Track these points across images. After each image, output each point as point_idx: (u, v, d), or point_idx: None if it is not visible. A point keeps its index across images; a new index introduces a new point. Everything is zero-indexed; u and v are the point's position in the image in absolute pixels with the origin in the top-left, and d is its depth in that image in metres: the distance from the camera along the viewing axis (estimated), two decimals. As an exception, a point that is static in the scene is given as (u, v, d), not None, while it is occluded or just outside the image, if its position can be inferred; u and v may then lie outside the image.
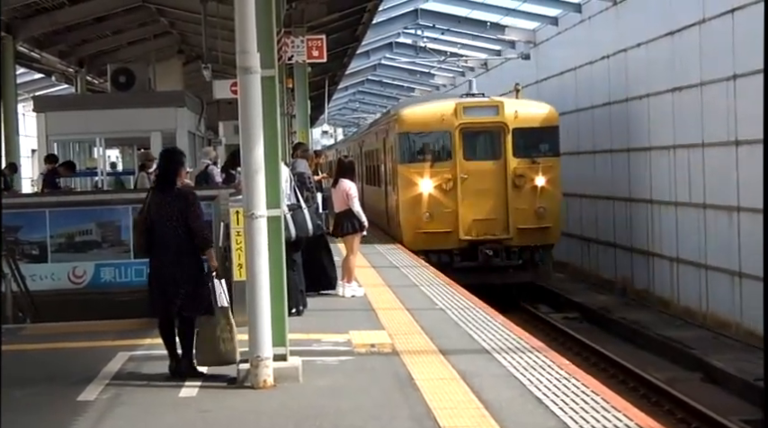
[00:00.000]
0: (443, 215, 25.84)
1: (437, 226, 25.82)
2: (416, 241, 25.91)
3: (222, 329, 10.67)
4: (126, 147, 37.01)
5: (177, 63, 33.50)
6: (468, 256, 25.73)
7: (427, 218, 25.87)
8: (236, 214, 13.16)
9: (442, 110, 26.65)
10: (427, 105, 28.28)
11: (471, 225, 25.87)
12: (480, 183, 26.02)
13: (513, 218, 25.92)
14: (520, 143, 26.19)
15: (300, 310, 14.81)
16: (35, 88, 41.44)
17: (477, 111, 26.53)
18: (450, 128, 26.17)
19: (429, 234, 25.80)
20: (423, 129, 26.54)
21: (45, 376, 11.19)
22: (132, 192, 20.02)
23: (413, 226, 26.19)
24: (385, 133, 30.22)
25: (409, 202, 26.26)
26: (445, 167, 26.07)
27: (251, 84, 10.20)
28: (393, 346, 12.23)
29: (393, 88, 63.77)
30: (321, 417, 9.01)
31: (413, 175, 26.22)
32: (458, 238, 25.78)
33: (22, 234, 15.46)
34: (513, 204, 25.97)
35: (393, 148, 27.78)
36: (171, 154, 11.33)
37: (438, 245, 25.71)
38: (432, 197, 26.01)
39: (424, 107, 27.88)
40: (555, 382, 10.10)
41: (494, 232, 25.90)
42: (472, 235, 25.86)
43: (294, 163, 17.17)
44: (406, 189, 26.41)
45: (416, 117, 26.99)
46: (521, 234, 26.00)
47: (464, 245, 25.81)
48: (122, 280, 15.38)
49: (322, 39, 27.00)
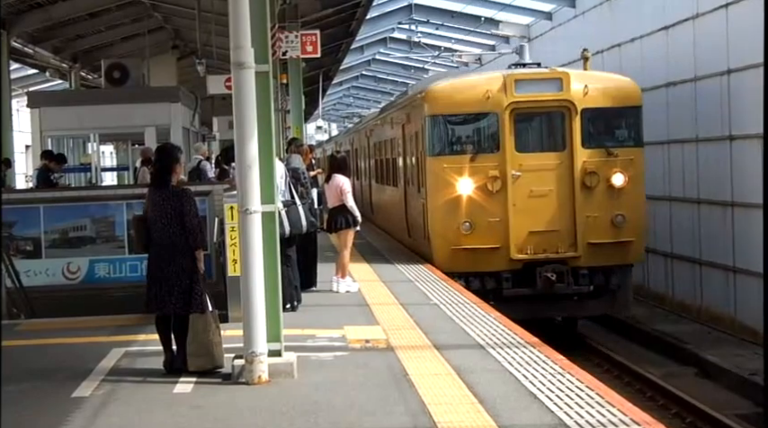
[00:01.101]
0: (489, 226, 19.80)
1: (480, 240, 19.79)
2: (452, 260, 19.96)
3: (214, 333, 10.68)
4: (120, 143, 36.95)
5: (171, 58, 33.46)
6: (523, 281, 19.78)
7: (467, 230, 19.81)
8: (230, 209, 13.16)
9: (487, 84, 20.21)
10: (466, 79, 22.13)
11: (526, 239, 19.84)
12: (538, 183, 19.98)
13: (583, 229, 19.88)
14: (591, 128, 20.26)
15: (295, 306, 14.81)
16: (29, 84, 41.40)
17: (533, 86, 20.21)
18: (498, 108, 19.94)
19: (469, 251, 19.77)
20: (461, 109, 20.33)
21: (39, 372, 11.18)
22: (127, 188, 20.00)
23: (447, 240, 20.04)
24: (405, 118, 24.02)
25: (443, 208, 20.08)
26: (491, 161, 19.93)
27: (245, 80, 10.20)
28: (388, 341, 12.23)
29: (387, 83, 63.75)
30: (316, 413, 9.01)
31: (447, 172, 20.00)
32: (508, 257, 19.78)
33: (16, 229, 15.43)
34: (583, 211, 19.88)
35: (419, 137, 21.61)
36: (167, 150, 11.32)
37: (481, 265, 19.79)
38: (473, 201, 19.86)
39: (463, 81, 21.48)
40: (549, 377, 10.10)
41: (556, 249, 19.87)
42: (527, 252, 19.81)
43: (288, 158, 17.16)
44: (438, 190, 20.21)
45: (452, 94, 20.64)
46: (592, 251, 19.97)
47: (517, 265, 19.80)
48: (117, 275, 15.36)
49: (316, 34, 26.95)
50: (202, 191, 14.31)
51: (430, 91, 21.08)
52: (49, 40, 30.36)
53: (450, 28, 44.18)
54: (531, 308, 19.43)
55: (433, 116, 20.50)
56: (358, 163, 38.00)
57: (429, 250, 20.80)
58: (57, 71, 34.54)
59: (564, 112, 20.11)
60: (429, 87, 21.40)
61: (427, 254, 21.01)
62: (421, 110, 21.20)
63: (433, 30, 44.73)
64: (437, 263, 20.15)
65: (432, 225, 20.48)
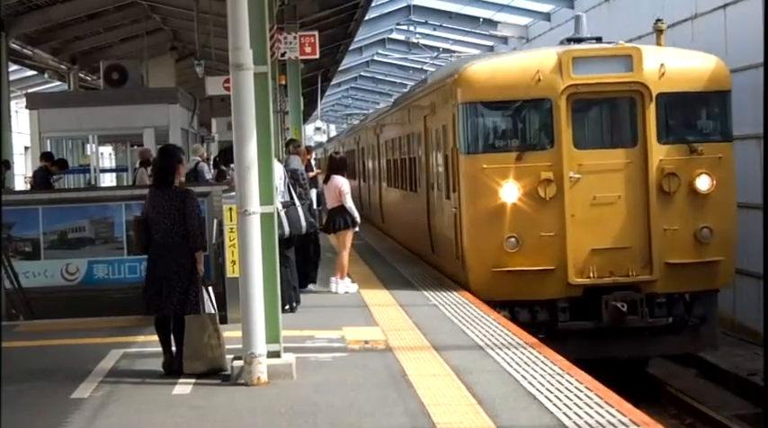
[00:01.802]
0: (540, 242, 15.85)
1: (529, 260, 15.84)
2: (493, 286, 15.96)
3: (210, 335, 10.68)
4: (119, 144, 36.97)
5: (170, 60, 33.47)
6: (584, 312, 15.85)
7: (512, 248, 15.83)
8: (229, 211, 13.16)
9: (538, 63, 16.20)
10: (511, 57, 18.49)
11: (588, 258, 15.88)
12: (603, 188, 16.04)
13: (660, 246, 15.90)
14: (670, 118, 16.32)
15: (294, 307, 14.82)
16: (28, 85, 41.41)
17: (596, 65, 16.23)
18: (552, 93, 16.01)
19: (515, 274, 15.81)
20: (504, 95, 16.30)
21: (38, 373, 11.18)
22: (126, 189, 20.01)
23: (487, 260, 16.01)
24: (428, 109, 20.09)
25: (481, 220, 16.15)
26: (543, 160, 15.99)
27: (244, 81, 10.20)
28: (387, 342, 12.24)
29: (386, 84, 63.80)
30: (315, 414, 9.01)
31: (487, 175, 16.07)
32: (565, 281, 15.80)
33: (15, 231, 15.43)
34: (660, 222, 15.91)
35: (448, 130, 17.73)
36: (169, 151, 11.32)
37: (531, 292, 15.84)
38: (520, 211, 15.90)
39: (506, 60, 17.66)
40: (549, 378, 10.10)
41: (626, 271, 15.90)
42: (590, 275, 15.87)
43: (287, 159, 17.17)
44: (475, 197, 16.30)
45: (493, 76, 16.53)
46: (671, 273, 15.97)
47: (576, 292, 15.86)
48: (115, 277, 15.35)
49: (315, 35, 26.96)
50: (201, 193, 14.30)
51: (465, 73, 16.75)
52: (47, 41, 30.36)
53: (448, 29, 44.22)
54: (593, 346, 15.72)
55: (469, 104, 16.49)
56: (365, 163, 34.99)
57: (462, 271, 16.77)
58: (55, 72, 34.55)
59: (635, 98, 16.19)
60: (463, 68, 16.95)
61: (459, 277, 17.08)
62: (452, 97, 17.21)
63: (432, 31, 44.77)
64: (473, 287, 16.23)
65: (467, 240, 16.41)
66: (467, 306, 15.07)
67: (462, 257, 16.73)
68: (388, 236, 27.81)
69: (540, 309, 15.95)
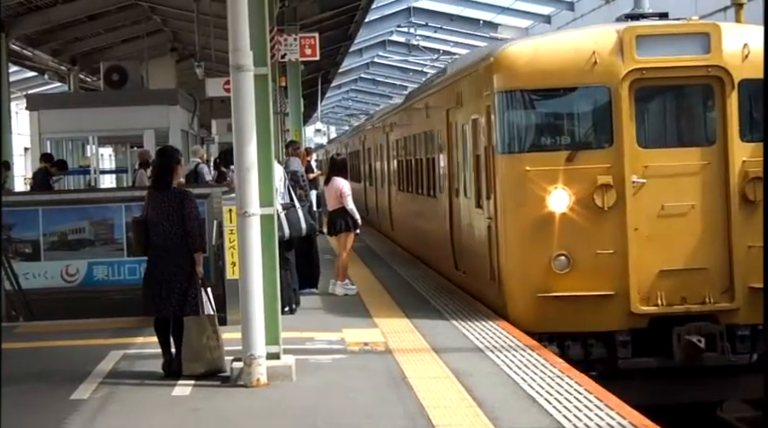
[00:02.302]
0: (597, 261, 13.27)
1: (584, 283, 13.26)
2: (538, 314, 13.39)
3: (209, 337, 10.67)
4: (119, 146, 36.99)
5: (170, 61, 33.48)
6: (650, 347, 13.17)
7: (563, 268, 13.29)
8: (228, 212, 13.16)
9: (593, 43, 13.59)
10: (559, 36, 15.12)
11: (656, 282, 13.21)
12: (674, 195, 13.33)
13: (743, 267, 13.21)
14: (755, 111, 13.51)
15: (293, 309, 14.82)
16: (28, 86, 41.44)
17: (665, 45, 13.48)
18: (612, 79, 13.39)
19: (566, 300, 13.25)
20: (552, 82, 13.67)
21: (38, 374, 11.18)
22: (126, 190, 20.02)
23: (531, 283, 13.44)
24: (453, 100, 17.23)
25: (524, 233, 13.60)
26: (600, 162, 13.38)
27: (244, 82, 10.21)
28: (386, 344, 12.23)
29: (386, 86, 63.87)
30: (314, 416, 9.01)
31: (531, 179, 13.49)
32: (627, 310, 13.16)
33: (14, 232, 15.42)
34: (743, 238, 13.20)
35: (480, 126, 15.08)
36: (167, 152, 11.33)
37: (585, 322, 13.23)
38: (572, 223, 13.34)
39: (554, 40, 14.58)
40: (548, 380, 10.11)
41: (702, 297, 13.20)
42: (658, 303, 13.18)
43: (287, 161, 17.18)
44: (516, 205, 13.72)
45: (538, 59, 13.85)
46: (756, 300, 13.12)
47: (640, 323, 13.19)
48: (115, 278, 15.35)
49: (315, 37, 26.98)
50: (201, 194, 14.31)
51: (503, 55, 14.13)
52: (47, 42, 30.37)
53: (448, 31, 44.30)
54: (662, 389, 13.13)
55: (509, 92, 13.83)
56: (372, 165, 32.74)
57: (499, 296, 14.19)
58: (55, 74, 34.56)
59: (713, 86, 13.50)
60: (501, 50, 14.35)
61: (494, 302, 14.49)
62: (486, 84, 14.55)
63: (432, 33, 44.86)
64: (513, 316, 13.66)
65: (506, 259, 13.85)
66: (467, 309, 15.04)
67: (499, 279, 14.03)
68: (399, 246, 25.49)
69: (596, 343, 13.24)
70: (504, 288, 13.94)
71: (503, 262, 13.94)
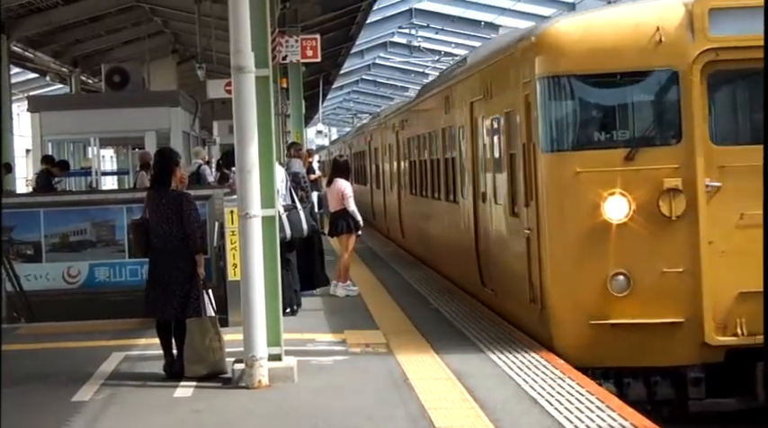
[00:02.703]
0: (663, 281, 11.20)
1: (647, 308, 11.20)
2: (591, 345, 11.30)
3: (211, 339, 10.68)
4: (120, 147, 37.02)
5: (171, 62, 33.52)
6: (728, 385, 11.12)
7: (621, 290, 11.20)
8: (230, 213, 13.17)
9: (657, 18, 11.39)
10: (615, 11, 12.27)
11: (735, 307, 11.06)
12: (755, 202, 10.34)
13: None
14: None
15: (295, 310, 14.83)
16: (29, 88, 41.45)
17: (745, 20, 11.07)
18: (681, 61, 11.27)
19: (625, 329, 11.18)
20: (608, 64, 11.48)
21: (39, 376, 11.18)
22: (127, 192, 20.01)
23: (582, 307, 11.36)
24: (480, 91, 15.05)
25: (573, 247, 11.52)
26: (666, 161, 11.27)
27: (245, 84, 10.21)
28: (388, 346, 12.23)
29: (387, 88, 63.89)
30: (316, 417, 9.01)
31: (583, 181, 11.41)
32: (700, 340, 11.08)
33: (16, 233, 15.42)
34: None
35: (516, 118, 12.92)
36: (165, 154, 11.35)
37: (649, 355, 11.19)
38: (633, 235, 11.25)
39: (609, 15, 12.08)
40: (550, 382, 10.10)
41: None
42: (737, 332, 11.06)
43: (289, 162, 17.18)
44: (563, 213, 11.66)
45: (590, 37, 11.63)
46: None
47: (716, 356, 11.09)
48: (117, 280, 15.35)
49: (316, 38, 27.01)
50: (203, 196, 14.32)
51: (548, 33, 11.96)
52: (49, 44, 30.38)
53: (450, 32, 44.33)
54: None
55: (554, 78, 11.67)
56: (379, 166, 30.89)
57: (541, 322, 12.05)
58: (57, 75, 34.59)
59: None
60: (545, 28, 12.24)
61: (535, 328, 12.35)
62: (524, 70, 12.41)
63: (433, 34, 44.91)
64: (560, 346, 11.54)
65: (551, 278, 11.71)
66: (468, 310, 15.02)
67: (542, 301, 11.91)
68: (410, 254, 23.58)
69: (662, 381, 11.21)
70: (548, 313, 11.75)
71: (547, 282, 11.75)
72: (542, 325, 11.98)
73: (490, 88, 14.48)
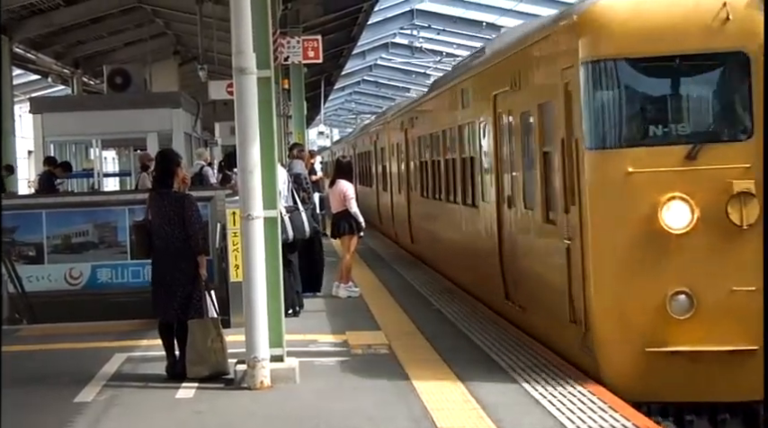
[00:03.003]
0: (732, 301, 9.76)
1: (713, 333, 9.79)
2: (648, 376, 9.92)
3: (213, 340, 10.68)
4: (122, 149, 37.01)
5: (173, 64, 33.53)
6: None
7: (683, 311, 9.80)
8: (232, 215, 13.17)
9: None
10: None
11: None
12: None
13: None
14: None
15: (297, 311, 14.83)
16: (31, 89, 41.47)
17: None
18: (751, 42, 9.76)
19: (687, 357, 9.84)
20: (664, 46, 9.98)
21: (42, 377, 11.18)
22: (129, 193, 20.02)
23: (637, 331, 9.95)
24: (506, 82, 13.29)
25: (625, 260, 10.05)
26: (734, 160, 9.80)
27: (247, 85, 10.21)
28: (389, 347, 12.23)
29: (389, 88, 63.89)
30: (318, 418, 9.01)
31: (636, 182, 9.95)
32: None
33: (18, 235, 15.44)
34: None
35: (553, 111, 11.31)
36: (167, 155, 11.35)
37: (714, 389, 9.81)
38: (695, 247, 9.84)
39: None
40: (552, 382, 10.08)
41: None
42: None
43: (290, 163, 17.18)
44: (613, 220, 10.10)
45: (643, 15, 10.10)
46: None
47: None
48: (119, 281, 15.36)
49: (318, 39, 26.99)
50: (205, 197, 14.33)
51: (593, 11, 10.30)
52: (51, 45, 30.41)
53: (451, 33, 44.34)
54: None
55: (602, 62, 10.08)
56: (386, 167, 29.49)
57: (585, 348, 10.41)
58: (59, 77, 34.62)
59: None
60: (589, 5, 10.46)
61: (577, 355, 10.69)
62: (563, 55, 10.75)
63: (435, 35, 44.92)
64: (609, 377, 10.00)
65: (597, 296, 10.08)
66: (471, 311, 15.01)
67: (586, 324, 10.26)
68: (421, 261, 22.12)
69: (731, 419, 9.77)
70: (593, 337, 10.12)
71: (592, 300, 10.09)
72: (585, 350, 10.34)
73: (518, 78, 12.78)
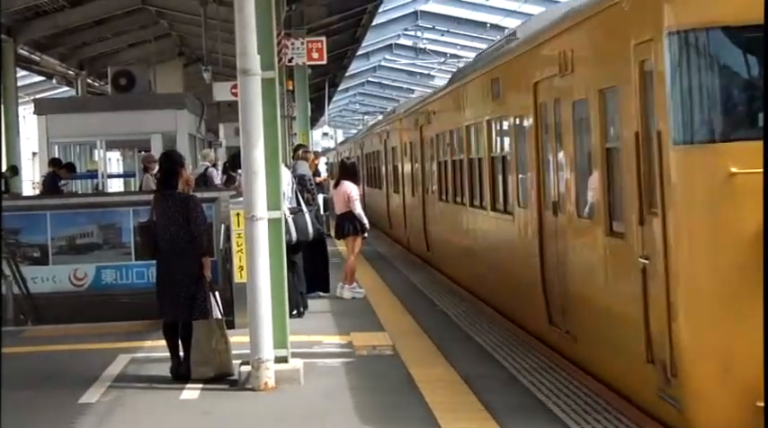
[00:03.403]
0: None
1: None
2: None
3: (218, 341, 10.68)
4: (127, 150, 37.04)
5: (177, 65, 33.53)
6: None
7: None
8: (236, 216, 13.17)
9: None
10: None
11: None
12: None
13: None
14: None
15: (301, 312, 14.83)
16: (36, 91, 41.49)
17: None
18: None
19: None
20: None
21: (46, 378, 11.19)
22: (134, 195, 20.03)
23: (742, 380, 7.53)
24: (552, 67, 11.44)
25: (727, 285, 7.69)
26: None
27: (251, 86, 10.21)
28: (394, 348, 12.22)
29: (393, 89, 63.88)
30: (322, 419, 9.01)
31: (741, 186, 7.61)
32: None
33: (22, 236, 15.45)
34: None
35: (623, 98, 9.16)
36: (169, 157, 11.35)
37: None
38: None
39: None
40: (557, 384, 10.08)
41: None
42: None
43: (295, 165, 17.18)
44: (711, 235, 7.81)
45: None
46: None
47: None
48: (123, 282, 15.37)
49: (322, 41, 26.99)
50: (209, 198, 14.33)
51: None
52: (55, 47, 30.42)
53: (455, 34, 44.30)
54: None
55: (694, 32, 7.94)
56: (397, 169, 27.70)
57: (671, 396, 8.26)
58: (63, 78, 34.61)
59: None
60: None
61: (654, 402, 8.69)
62: (639, 26, 8.73)
63: (439, 36, 44.90)
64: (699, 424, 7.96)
65: (689, 331, 7.98)
66: (475, 312, 15.00)
67: (671, 366, 8.16)
68: (439, 272, 20.44)
69: None
70: (684, 386, 7.99)
71: (680, 336, 7.96)
72: (671, 399, 8.22)
73: (570, 60, 10.81)
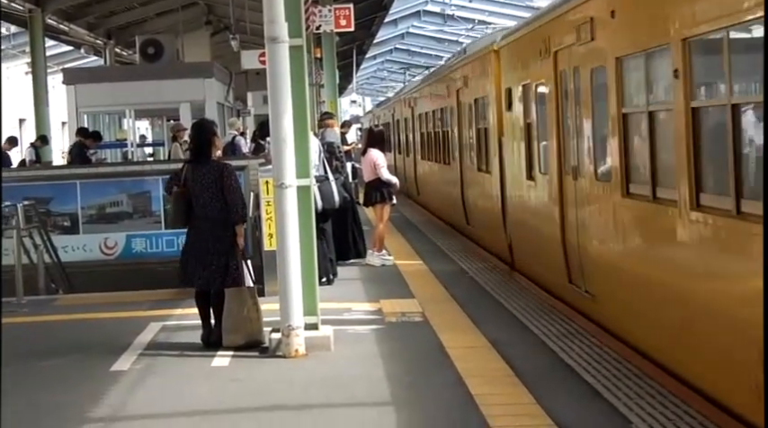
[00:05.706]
0: None
1: None
2: None
3: (249, 309, 10.70)
4: (155, 119, 37.14)
5: (205, 34, 33.53)
6: None
7: None
8: (265, 184, 13.19)
9: None
10: None
11: None
12: None
13: None
14: None
15: (331, 279, 14.85)
16: (64, 60, 41.63)
17: None
18: None
19: None
20: None
21: (78, 346, 11.25)
22: (163, 163, 20.09)
23: None
24: None
25: None
26: None
27: (279, 54, 10.19)
28: (424, 314, 12.24)
29: (421, 56, 63.69)
30: (352, 385, 9.03)
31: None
32: None
33: (53, 205, 15.54)
34: None
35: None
36: (202, 125, 11.34)
37: None
38: None
39: None
40: (587, 349, 10.08)
41: None
42: None
43: (323, 132, 17.18)
44: None
45: None
46: None
47: None
48: (153, 250, 15.45)
49: (349, 8, 26.90)
50: (238, 166, 14.35)
51: None
52: (83, 16, 30.48)
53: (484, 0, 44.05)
54: None
55: None
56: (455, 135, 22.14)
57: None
58: (91, 48, 34.72)
59: None
60: None
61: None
62: None
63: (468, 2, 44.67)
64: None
65: None
66: (505, 279, 14.99)
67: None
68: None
69: None
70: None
71: None
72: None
73: None
